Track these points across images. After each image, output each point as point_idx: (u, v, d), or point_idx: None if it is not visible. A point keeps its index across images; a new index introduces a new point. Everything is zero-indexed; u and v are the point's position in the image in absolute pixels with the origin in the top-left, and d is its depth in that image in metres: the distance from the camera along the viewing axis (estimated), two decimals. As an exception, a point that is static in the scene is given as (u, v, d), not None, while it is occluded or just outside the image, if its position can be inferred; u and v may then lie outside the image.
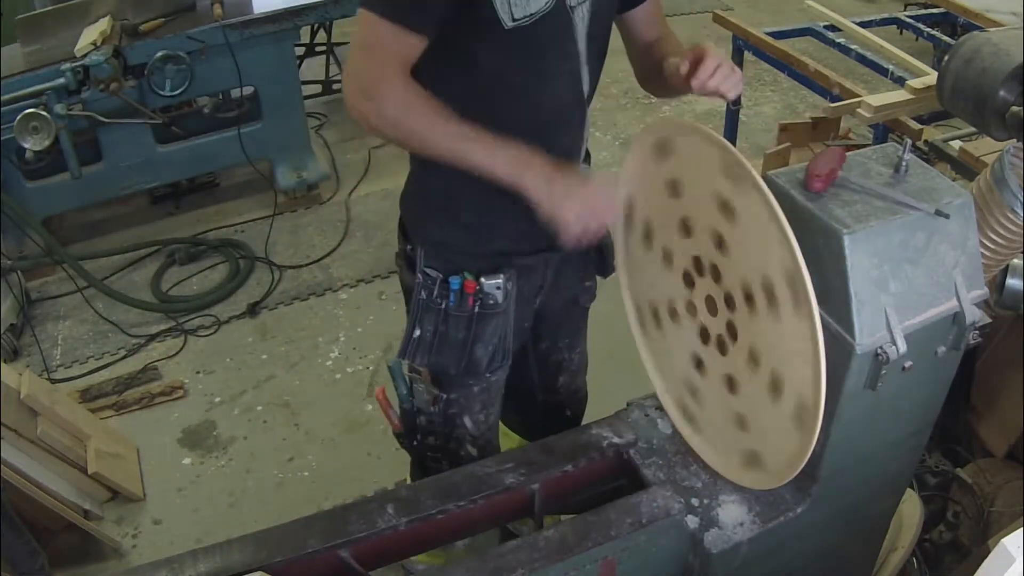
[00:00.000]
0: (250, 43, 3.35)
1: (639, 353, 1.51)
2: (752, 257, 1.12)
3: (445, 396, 1.61)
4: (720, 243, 1.17)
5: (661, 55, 1.43)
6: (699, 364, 1.32)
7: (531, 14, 1.27)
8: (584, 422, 1.53)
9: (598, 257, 1.67)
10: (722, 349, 1.25)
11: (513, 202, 1.30)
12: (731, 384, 1.25)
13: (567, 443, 1.46)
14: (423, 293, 1.49)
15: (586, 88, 1.43)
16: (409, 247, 1.55)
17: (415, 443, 1.70)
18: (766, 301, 1.11)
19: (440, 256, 1.49)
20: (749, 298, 1.14)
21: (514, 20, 1.26)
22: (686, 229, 1.24)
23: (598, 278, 1.73)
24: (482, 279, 1.46)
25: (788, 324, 1.08)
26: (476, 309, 1.47)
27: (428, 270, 1.49)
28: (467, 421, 1.63)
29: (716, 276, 1.21)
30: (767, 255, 1.08)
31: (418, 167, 1.51)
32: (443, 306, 1.48)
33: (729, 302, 1.19)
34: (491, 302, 1.47)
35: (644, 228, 1.36)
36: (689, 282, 1.28)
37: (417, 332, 1.51)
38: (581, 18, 1.35)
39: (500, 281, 1.46)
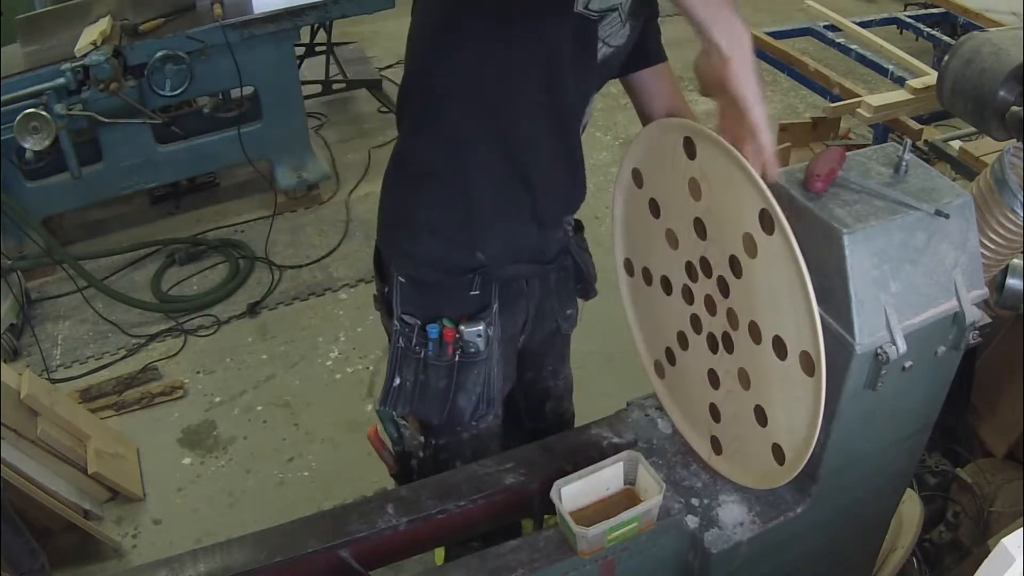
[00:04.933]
0: (250, 43, 3.34)
1: (622, 300, 1.46)
2: (727, 220, 1.12)
3: (434, 442, 1.57)
4: (701, 230, 1.17)
5: None
6: (714, 380, 1.31)
7: (600, 10, 1.24)
8: (584, 422, 1.52)
9: (578, 283, 1.64)
10: (729, 346, 1.24)
11: (491, 198, 1.27)
12: (744, 378, 1.24)
13: (567, 443, 1.46)
14: (401, 341, 1.44)
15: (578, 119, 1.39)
16: (386, 288, 1.49)
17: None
18: (748, 255, 1.11)
19: (417, 297, 1.43)
20: (735, 267, 1.14)
21: (586, 7, 1.23)
22: (673, 241, 1.24)
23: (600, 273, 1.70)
24: (462, 327, 1.40)
25: (792, 381, 1.09)
26: (457, 358, 1.42)
27: (405, 317, 1.43)
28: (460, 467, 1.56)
29: (707, 270, 1.21)
30: (738, 207, 1.08)
31: (398, 180, 1.45)
32: (422, 355, 1.42)
33: (723, 288, 1.19)
34: (472, 350, 1.42)
35: (643, 271, 1.36)
36: (688, 296, 1.28)
37: (397, 381, 1.46)
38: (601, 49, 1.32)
39: (481, 328, 1.40)
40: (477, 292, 1.42)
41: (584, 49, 1.31)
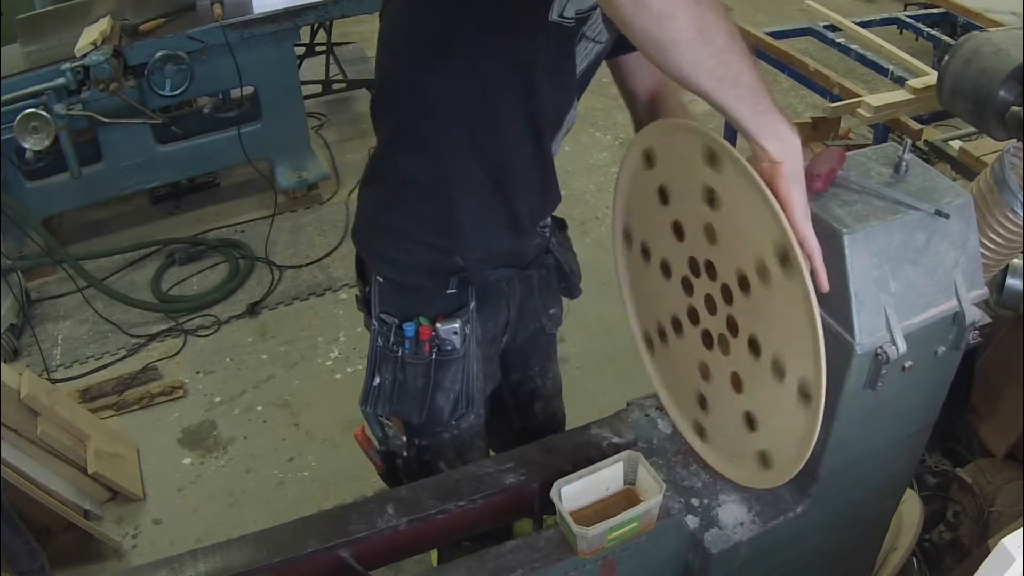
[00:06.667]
0: (250, 43, 3.35)
1: (650, 378, 1.47)
2: (741, 239, 1.12)
3: (417, 442, 1.57)
4: (711, 236, 1.17)
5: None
6: (706, 373, 1.31)
7: (577, 15, 1.24)
8: (584, 422, 1.52)
9: (561, 281, 1.64)
10: (725, 348, 1.24)
11: (470, 206, 1.27)
12: (736, 382, 1.25)
13: (567, 443, 1.46)
14: (379, 340, 1.45)
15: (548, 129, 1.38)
16: (367, 289, 1.50)
17: (400, 484, 1.67)
18: (759, 279, 1.11)
19: (396, 297, 1.44)
20: (743, 283, 1.14)
21: (560, 15, 1.22)
22: (679, 233, 1.24)
23: (596, 278, 1.72)
24: (438, 324, 1.41)
25: (782, 298, 1.08)
26: (433, 356, 1.42)
27: (383, 316, 1.44)
28: (443, 467, 1.57)
29: (711, 273, 1.21)
30: (755, 233, 1.07)
31: (378, 188, 1.44)
32: (399, 353, 1.43)
33: (726, 295, 1.19)
34: (448, 348, 1.42)
35: (642, 245, 1.36)
36: (688, 288, 1.28)
37: (376, 380, 1.47)
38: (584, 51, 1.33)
39: (457, 326, 1.41)
40: (454, 291, 1.42)
41: (564, 58, 1.31)
